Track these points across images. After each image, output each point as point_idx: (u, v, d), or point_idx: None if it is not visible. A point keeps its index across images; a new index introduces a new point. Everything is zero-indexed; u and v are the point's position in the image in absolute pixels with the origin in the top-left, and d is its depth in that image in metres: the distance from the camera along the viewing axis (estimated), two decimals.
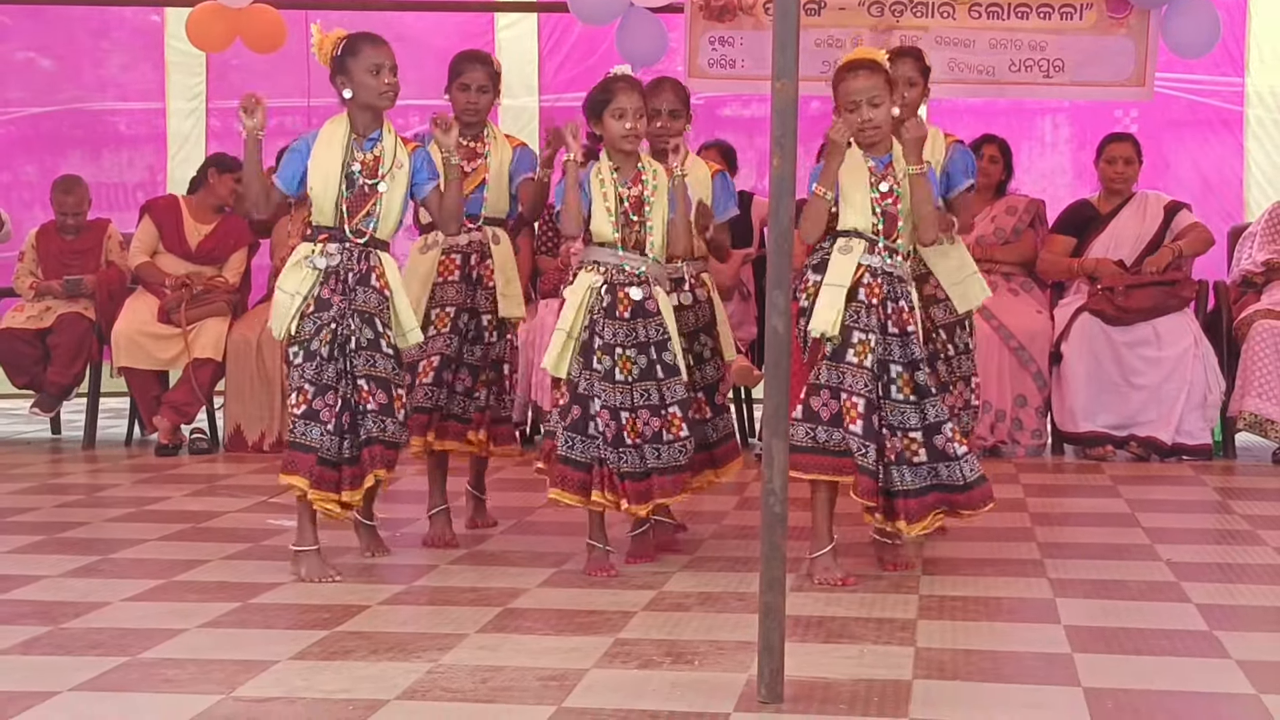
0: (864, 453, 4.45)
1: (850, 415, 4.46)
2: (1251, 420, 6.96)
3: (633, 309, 4.66)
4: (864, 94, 4.55)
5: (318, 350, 4.64)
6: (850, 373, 4.48)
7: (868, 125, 4.55)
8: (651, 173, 4.77)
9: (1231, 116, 8.55)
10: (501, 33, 9.03)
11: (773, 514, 3.33)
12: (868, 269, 4.52)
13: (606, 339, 4.64)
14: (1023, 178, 8.28)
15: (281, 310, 4.68)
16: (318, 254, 4.66)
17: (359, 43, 4.72)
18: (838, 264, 4.52)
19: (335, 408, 4.63)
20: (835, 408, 4.48)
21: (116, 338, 7.50)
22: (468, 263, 5.16)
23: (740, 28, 7.75)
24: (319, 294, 4.66)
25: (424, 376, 5.10)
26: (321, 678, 3.53)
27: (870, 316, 4.50)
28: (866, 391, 4.47)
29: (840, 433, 4.47)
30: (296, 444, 4.65)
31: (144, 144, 9.46)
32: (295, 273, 4.67)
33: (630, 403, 4.62)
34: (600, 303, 4.65)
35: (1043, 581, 4.51)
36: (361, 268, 4.69)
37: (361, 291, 4.68)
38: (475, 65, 5.19)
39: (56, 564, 4.81)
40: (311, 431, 4.62)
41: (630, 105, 4.68)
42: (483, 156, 5.16)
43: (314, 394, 4.63)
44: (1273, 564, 4.76)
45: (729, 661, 3.64)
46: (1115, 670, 3.57)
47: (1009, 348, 7.19)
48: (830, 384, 4.49)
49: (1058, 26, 7.54)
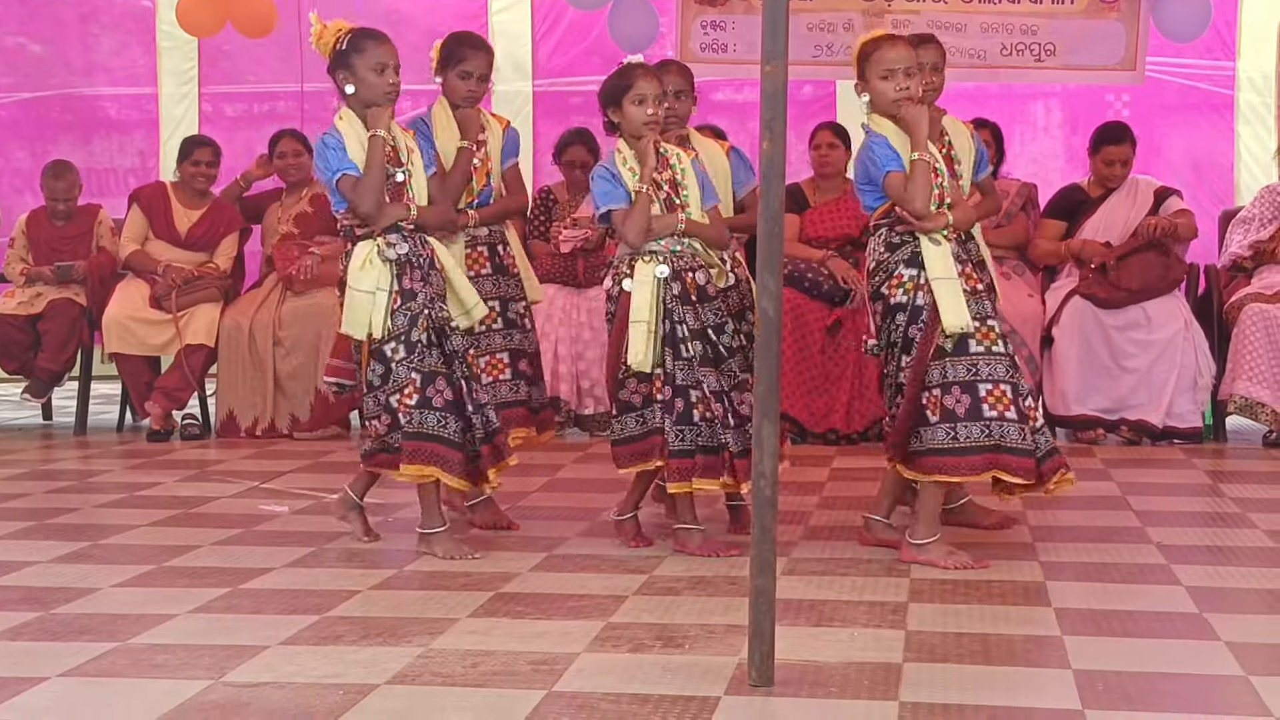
0: (1021, 437, 4.46)
1: (1001, 403, 4.45)
2: (1242, 403, 6.97)
3: (698, 292, 4.66)
4: (902, 63, 4.54)
5: (418, 340, 4.63)
6: (983, 361, 4.47)
7: (904, 95, 4.52)
8: (676, 156, 4.78)
9: (1222, 101, 8.55)
10: (495, 16, 9.01)
11: (763, 497, 3.33)
12: (954, 256, 4.54)
13: (691, 325, 4.62)
14: (1014, 162, 8.27)
15: (362, 309, 4.61)
16: (385, 247, 4.64)
17: (363, 40, 4.70)
18: (935, 256, 4.50)
19: (445, 393, 4.63)
20: (969, 402, 4.46)
21: (108, 323, 7.49)
22: (495, 254, 5.16)
23: (732, 12, 7.74)
24: (402, 286, 4.65)
25: (500, 373, 5.10)
26: (311, 662, 3.53)
27: (982, 303, 4.53)
28: (1009, 377, 4.48)
29: (979, 426, 4.44)
30: (416, 434, 4.60)
31: (135, 129, 9.44)
32: (369, 270, 4.62)
33: (718, 385, 4.62)
34: (670, 291, 4.63)
35: (1033, 564, 4.52)
36: (426, 252, 4.72)
37: (434, 276, 4.71)
38: (478, 52, 5.13)
39: (47, 550, 4.81)
40: (428, 419, 4.61)
41: (651, 91, 4.68)
42: (485, 145, 5.14)
43: (422, 382, 4.62)
44: (1262, 546, 4.77)
45: (720, 645, 3.64)
46: (1105, 653, 3.58)
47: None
48: (959, 379, 4.47)
49: (1049, 10, 7.53)
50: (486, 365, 5.08)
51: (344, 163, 4.65)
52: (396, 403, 4.64)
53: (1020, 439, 4.47)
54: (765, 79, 3.30)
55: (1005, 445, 4.46)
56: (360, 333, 4.64)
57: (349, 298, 4.65)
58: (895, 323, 4.54)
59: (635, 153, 4.70)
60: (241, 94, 9.37)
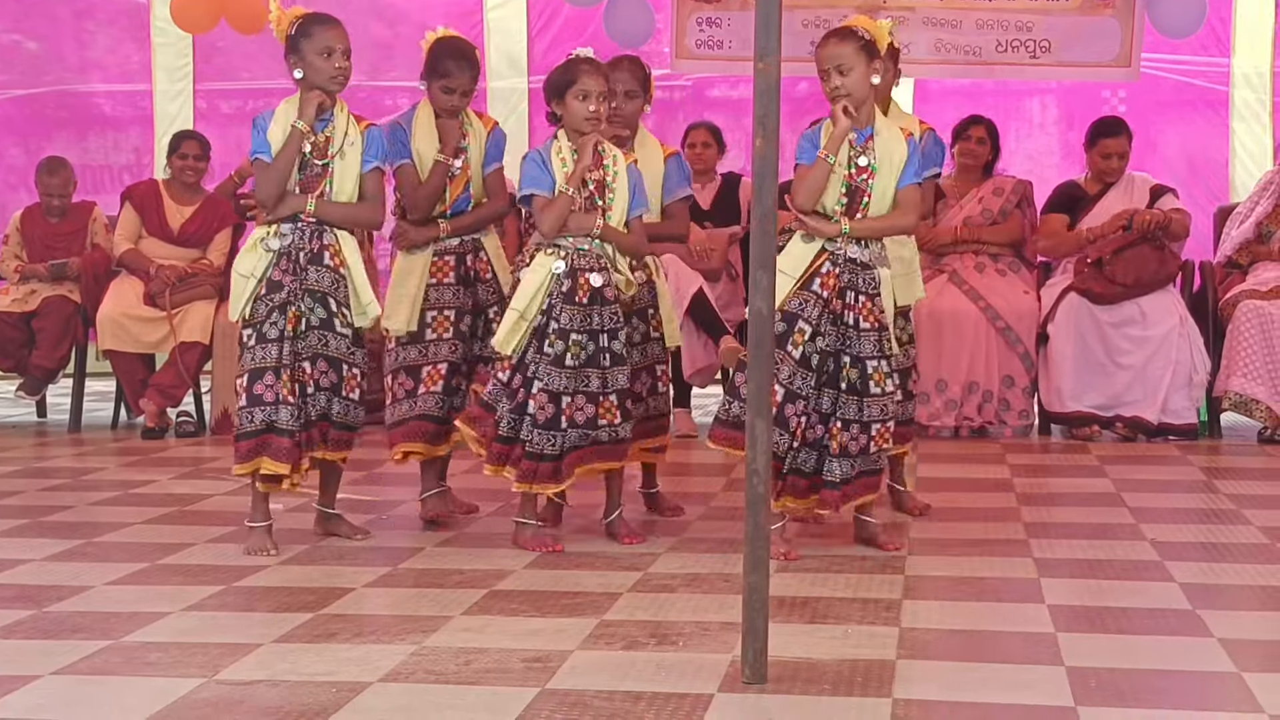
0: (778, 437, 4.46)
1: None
2: (1236, 400, 6.97)
3: (591, 294, 4.66)
4: (830, 61, 4.54)
5: (269, 333, 4.65)
6: (783, 360, 4.46)
7: (837, 93, 4.52)
8: (612, 157, 4.77)
9: (1217, 97, 8.54)
10: (490, 13, 8.99)
11: (756, 494, 3.33)
12: (830, 256, 4.52)
13: (563, 324, 4.63)
14: (1010, 159, 8.27)
15: (237, 293, 4.69)
16: (271, 235, 4.67)
17: (311, 24, 4.70)
18: (795, 251, 4.53)
19: (284, 389, 4.62)
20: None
21: (102, 321, 7.48)
22: (462, 263, 5.09)
23: (727, 9, 7.73)
24: (271, 276, 4.66)
25: (431, 385, 5.02)
26: (304, 660, 3.53)
27: (817, 308, 4.50)
28: (787, 382, 4.48)
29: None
30: (244, 433, 4.64)
31: (130, 126, 9.42)
32: (250, 255, 4.69)
33: (572, 387, 4.63)
34: (560, 287, 4.65)
35: (1028, 561, 4.52)
36: (314, 247, 4.68)
37: (314, 270, 4.68)
38: (462, 68, 5.03)
39: (41, 548, 4.81)
40: (256, 415, 4.64)
41: (594, 88, 4.68)
42: (464, 152, 5.10)
43: (249, 380, 4.64)
44: (1257, 543, 4.77)
45: (714, 642, 3.64)
46: (1099, 649, 3.58)
47: (996, 328, 7.19)
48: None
49: (1044, 7, 7.54)
50: (426, 375, 5.01)
51: (260, 145, 4.69)
52: (239, 387, 4.70)
53: (783, 449, 4.48)
54: (758, 76, 3.30)
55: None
56: (233, 314, 4.72)
57: (232, 278, 4.76)
58: None
59: (574, 148, 4.71)
60: (236, 90, 9.36)
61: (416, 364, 5.03)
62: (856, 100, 4.54)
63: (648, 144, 5.20)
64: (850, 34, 4.56)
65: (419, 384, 5.02)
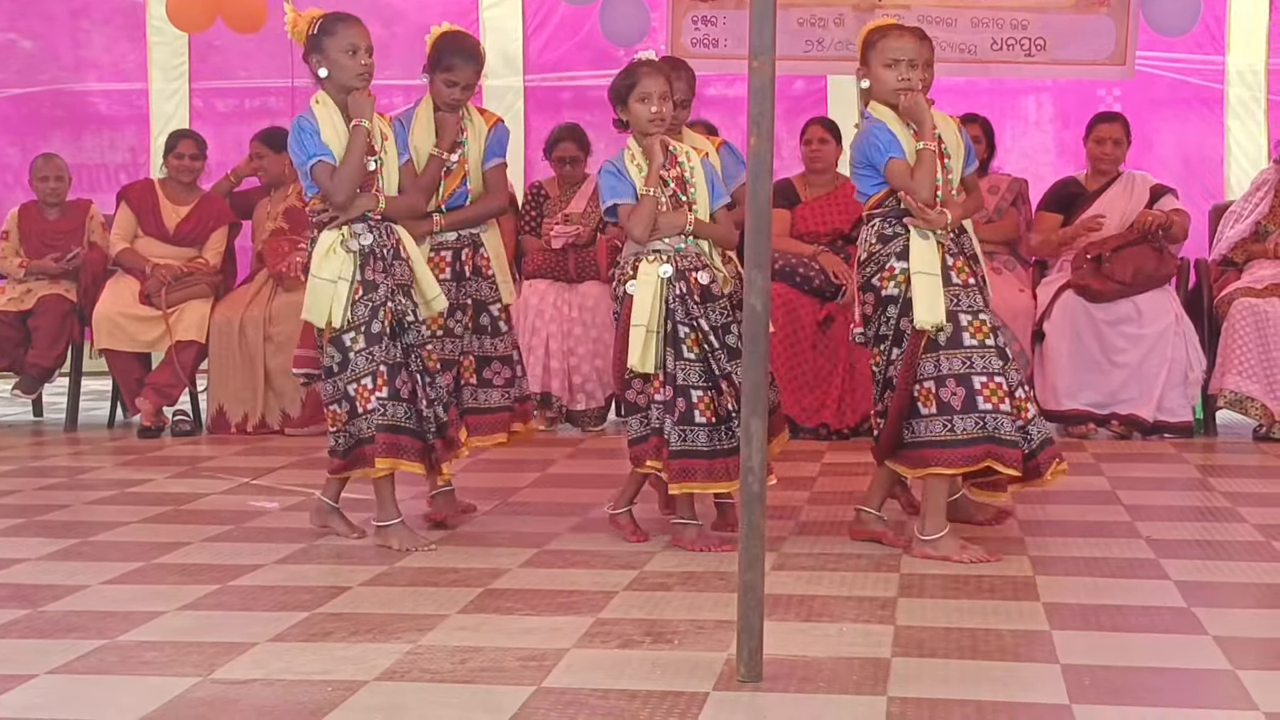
0: (1013, 429, 4.47)
1: (995, 396, 4.45)
2: (1232, 398, 6.98)
3: (701, 293, 4.66)
4: (906, 54, 4.54)
5: (380, 332, 4.65)
6: (977, 355, 4.47)
7: (908, 84, 4.52)
8: (685, 154, 4.78)
9: (1212, 95, 8.56)
10: (486, 11, 9.00)
11: (751, 492, 3.33)
12: (945, 248, 4.53)
13: (694, 325, 4.62)
14: (1005, 157, 8.28)
15: (323, 297, 4.63)
16: (350, 237, 4.66)
17: (334, 23, 4.71)
18: (920, 249, 4.49)
19: (410, 385, 4.67)
20: (964, 394, 4.46)
21: (98, 320, 7.48)
22: (458, 258, 5.09)
23: (723, 7, 7.73)
24: (364, 277, 4.66)
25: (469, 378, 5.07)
26: (300, 659, 3.53)
27: (974, 296, 4.53)
28: (1002, 370, 4.49)
29: (973, 419, 4.44)
30: (385, 426, 4.64)
31: (126, 125, 9.42)
32: (331, 259, 4.64)
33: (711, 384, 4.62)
34: (674, 291, 4.63)
35: (1023, 559, 4.52)
36: (391, 242, 4.73)
37: (398, 266, 4.72)
38: (468, 62, 5.06)
39: (37, 547, 4.81)
40: (398, 411, 4.65)
41: (655, 89, 4.67)
42: (461, 147, 5.11)
43: (389, 374, 4.65)
44: (1252, 541, 4.78)
45: (709, 640, 3.64)
46: (1093, 647, 3.58)
47: None
48: (954, 372, 4.47)
49: (1039, 5, 7.54)
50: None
51: (319, 148, 4.67)
52: (354, 391, 4.66)
53: (1012, 432, 4.48)
54: (753, 74, 3.30)
55: (999, 437, 4.46)
56: (321, 320, 4.66)
57: (311, 285, 4.68)
58: (886, 315, 4.53)
59: (642, 150, 4.70)
60: (232, 89, 9.37)
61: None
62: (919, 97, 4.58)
63: (696, 141, 5.17)
64: (925, 35, 4.63)
65: None
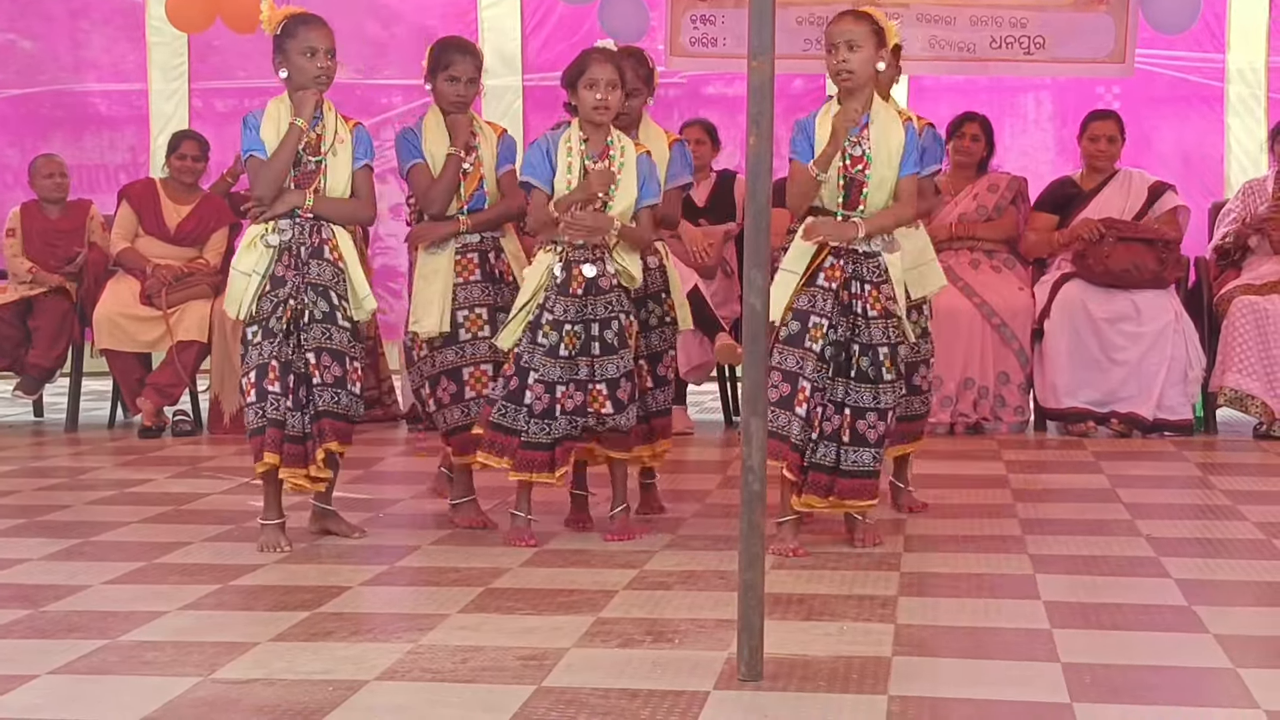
0: (802, 434, 4.50)
1: (799, 399, 4.50)
2: (1232, 396, 6.98)
3: (585, 285, 4.69)
4: (842, 36, 4.51)
5: (275, 328, 4.67)
6: (805, 357, 4.49)
7: (842, 68, 4.50)
8: (620, 148, 4.78)
9: (1212, 93, 8.56)
10: (484, 11, 8.99)
11: (751, 491, 3.33)
12: (831, 250, 4.53)
13: (556, 315, 4.67)
14: (1004, 155, 8.27)
15: (238, 290, 4.72)
16: (270, 231, 4.71)
17: (295, 25, 4.73)
18: (796, 248, 4.55)
19: (292, 383, 4.68)
20: (786, 390, 4.51)
21: (98, 320, 7.48)
22: (486, 260, 5.07)
23: (722, 6, 7.73)
24: (274, 271, 4.69)
25: (481, 389, 4.95)
26: (301, 659, 3.53)
27: (828, 301, 4.51)
28: (814, 376, 4.50)
29: (786, 415, 4.50)
30: (273, 421, 4.68)
31: (125, 125, 9.42)
32: (250, 252, 4.72)
33: (565, 377, 4.68)
34: (554, 280, 4.69)
35: (1023, 558, 4.52)
36: (314, 241, 4.73)
37: (315, 265, 4.72)
38: (465, 57, 5.08)
39: (38, 547, 4.81)
40: (266, 411, 4.68)
41: (603, 76, 4.71)
42: (476, 150, 5.11)
43: (280, 371, 4.67)
44: (1252, 539, 4.78)
45: (710, 640, 3.64)
46: (1094, 645, 3.59)
47: (991, 325, 7.20)
48: (783, 367, 4.52)
49: (1039, 3, 7.54)
50: (470, 376, 5.00)
51: (254, 143, 4.73)
52: (245, 385, 4.73)
53: (798, 435, 4.49)
54: (752, 73, 3.30)
55: (783, 436, 4.48)
56: (233, 312, 4.75)
57: (230, 276, 4.79)
58: None
59: (585, 138, 4.75)
60: (232, 89, 9.36)
61: (456, 365, 4.99)
62: (859, 80, 4.51)
63: (652, 132, 5.18)
64: (866, 16, 4.57)
65: (463, 387, 4.99)
